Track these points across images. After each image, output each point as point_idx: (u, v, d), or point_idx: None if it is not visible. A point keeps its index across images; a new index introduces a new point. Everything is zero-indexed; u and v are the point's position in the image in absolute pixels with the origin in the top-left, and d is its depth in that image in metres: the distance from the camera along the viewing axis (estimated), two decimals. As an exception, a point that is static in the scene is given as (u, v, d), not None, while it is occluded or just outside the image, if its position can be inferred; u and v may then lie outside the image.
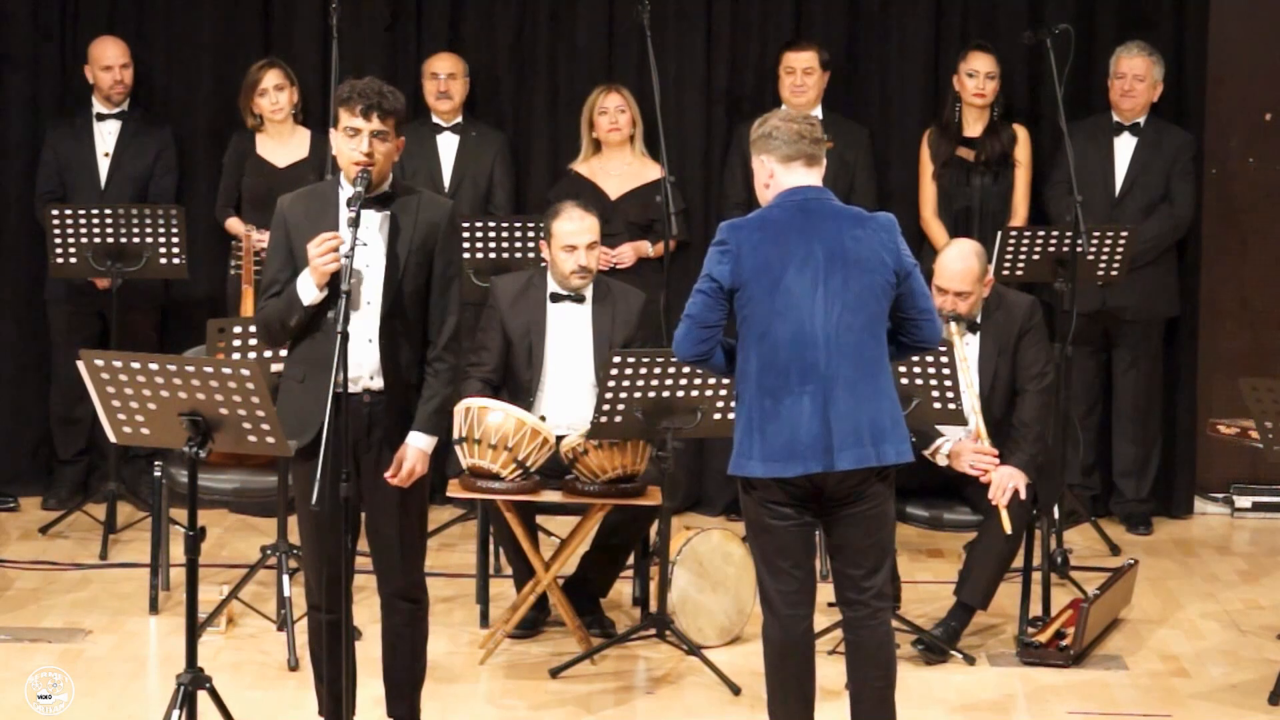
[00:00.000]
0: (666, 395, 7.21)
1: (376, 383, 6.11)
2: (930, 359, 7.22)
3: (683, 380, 7.19)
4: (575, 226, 7.71)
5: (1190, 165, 9.31)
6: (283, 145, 9.17)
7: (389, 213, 6.09)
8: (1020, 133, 9.29)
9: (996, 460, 7.47)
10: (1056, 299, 8.51)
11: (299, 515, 6.26)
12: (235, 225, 9.12)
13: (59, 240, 8.65)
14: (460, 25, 9.60)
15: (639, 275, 8.88)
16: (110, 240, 8.65)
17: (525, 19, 9.59)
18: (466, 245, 8.51)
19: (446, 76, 9.28)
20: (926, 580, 8.46)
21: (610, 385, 7.17)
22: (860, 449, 5.94)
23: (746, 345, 5.99)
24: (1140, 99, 9.24)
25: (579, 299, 7.80)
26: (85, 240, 8.64)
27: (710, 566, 7.62)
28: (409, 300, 6.10)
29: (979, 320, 7.71)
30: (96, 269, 8.68)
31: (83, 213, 8.66)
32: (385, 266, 6.08)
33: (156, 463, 7.94)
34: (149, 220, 8.67)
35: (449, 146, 9.30)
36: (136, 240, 8.66)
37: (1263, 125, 9.68)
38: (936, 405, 7.32)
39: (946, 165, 9.26)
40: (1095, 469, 9.55)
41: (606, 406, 7.19)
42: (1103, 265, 8.71)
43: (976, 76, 9.18)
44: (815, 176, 6.08)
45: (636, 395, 7.19)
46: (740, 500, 6.14)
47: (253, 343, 7.35)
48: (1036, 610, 7.82)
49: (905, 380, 7.22)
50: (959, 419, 7.38)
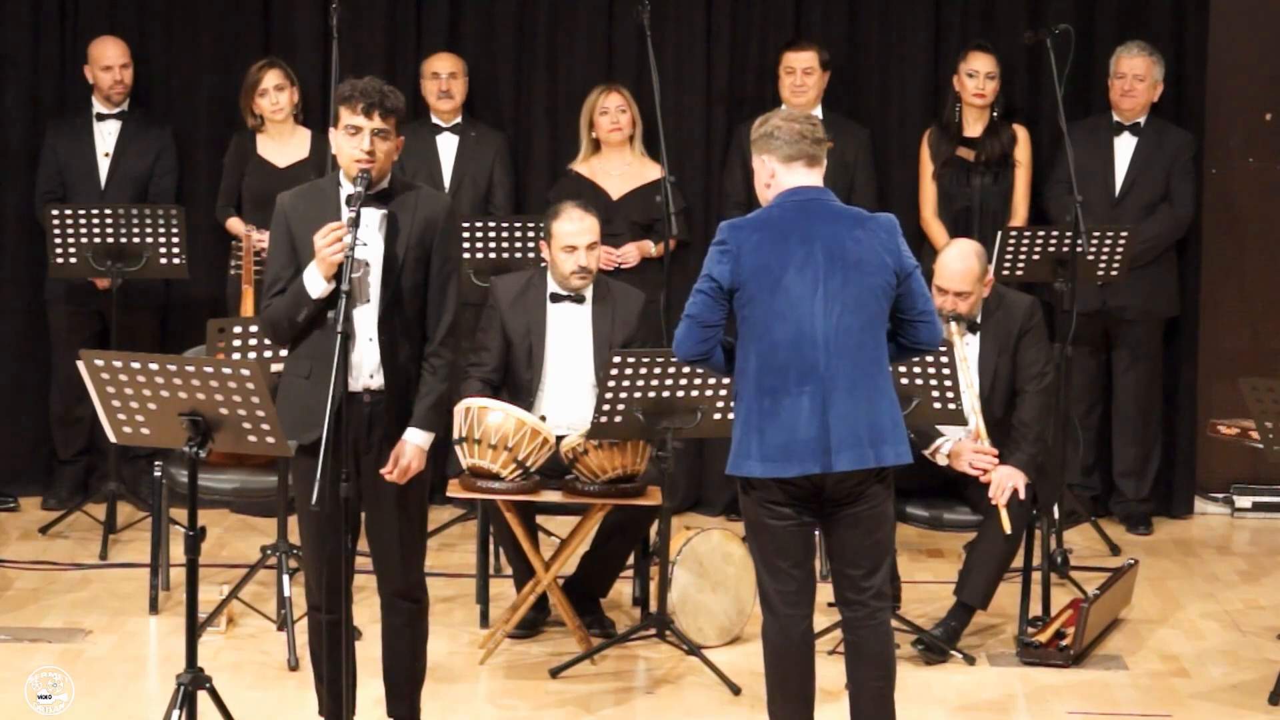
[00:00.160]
0: (666, 395, 7.21)
1: (377, 381, 6.10)
2: (930, 359, 7.22)
3: (683, 380, 7.19)
4: (575, 227, 7.71)
5: (1190, 165, 9.31)
6: (283, 145, 9.16)
7: (387, 210, 6.10)
8: (1020, 133, 9.29)
9: (995, 460, 7.48)
10: (1056, 299, 8.51)
11: (299, 515, 6.26)
12: (236, 225, 9.12)
13: (59, 240, 8.65)
14: (460, 25, 9.60)
15: (640, 275, 8.88)
16: (110, 240, 8.64)
17: (525, 19, 9.59)
18: (466, 245, 8.51)
19: (448, 76, 9.27)
20: (926, 580, 8.46)
21: (610, 385, 7.17)
22: (859, 450, 5.94)
23: (746, 345, 5.99)
24: (1140, 99, 9.24)
25: (579, 299, 7.79)
26: (85, 240, 8.64)
27: (710, 566, 7.62)
28: (407, 296, 6.09)
29: (979, 320, 7.70)
30: (96, 269, 8.68)
31: (83, 213, 8.66)
32: (383, 263, 6.08)
33: (156, 463, 7.94)
34: (149, 220, 8.66)
35: (449, 147, 9.29)
36: (136, 240, 8.66)
37: (1263, 125, 9.67)
38: (936, 405, 7.32)
39: (946, 165, 9.26)
40: (1095, 469, 9.55)
41: (606, 406, 7.18)
42: (1103, 265, 8.71)
43: (976, 76, 9.18)
44: (816, 177, 6.08)
45: (636, 395, 7.19)
46: (739, 500, 6.14)
47: (253, 343, 7.34)
48: (1036, 610, 7.82)
49: (905, 380, 7.22)
50: (959, 419, 7.38)
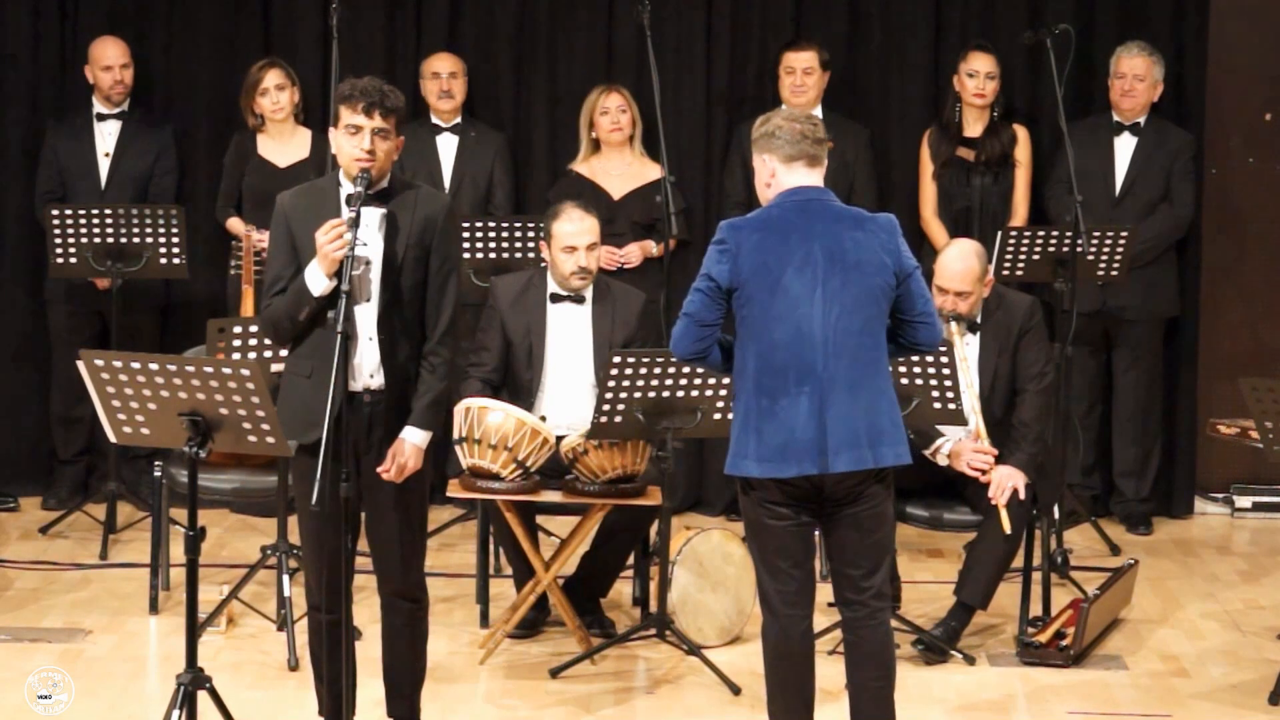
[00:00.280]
0: (666, 395, 7.21)
1: (377, 381, 6.10)
2: (930, 359, 7.22)
3: (683, 380, 7.19)
4: (575, 228, 7.70)
5: (1190, 165, 9.31)
6: (284, 145, 9.16)
7: (387, 209, 6.09)
8: (1020, 133, 9.29)
9: (993, 460, 7.47)
10: (1056, 299, 8.51)
11: (299, 515, 6.25)
12: (236, 225, 9.12)
13: (59, 240, 8.65)
14: (460, 25, 9.60)
15: (640, 275, 8.88)
16: (110, 240, 8.64)
17: (525, 19, 9.59)
18: (466, 245, 8.51)
19: (448, 76, 9.27)
20: (926, 580, 8.46)
21: (610, 385, 7.17)
22: (857, 450, 5.93)
23: (744, 345, 5.99)
24: (1140, 99, 9.24)
25: (579, 299, 7.79)
26: (85, 240, 8.63)
27: (710, 566, 7.62)
28: (407, 296, 6.09)
29: (979, 320, 7.70)
30: (96, 269, 8.68)
31: (83, 213, 8.66)
32: (383, 262, 6.07)
33: (156, 463, 7.94)
34: (149, 220, 8.66)
35: (448, 147, 9.29)
36: (136, 240, 8.66)
37: (1263, 125, 9.67)
38: (936, 405, 7.32)
39: (946, 165, 9.26)
40: (1095, 469, 9.55)
41: (606, 406, 7.18)
42: (1103, 265, 8.71)
43: (976, 76, 9.18)
44: (817, 177, 6.08)
45: (636, 395, 7.18)
46: (739, 500, 6.14)
47: (253, 343, 7.34)
48: (1036, 610, 7.82)
49: (905, 380, 7.22)
50: (959, 419, 7.38)
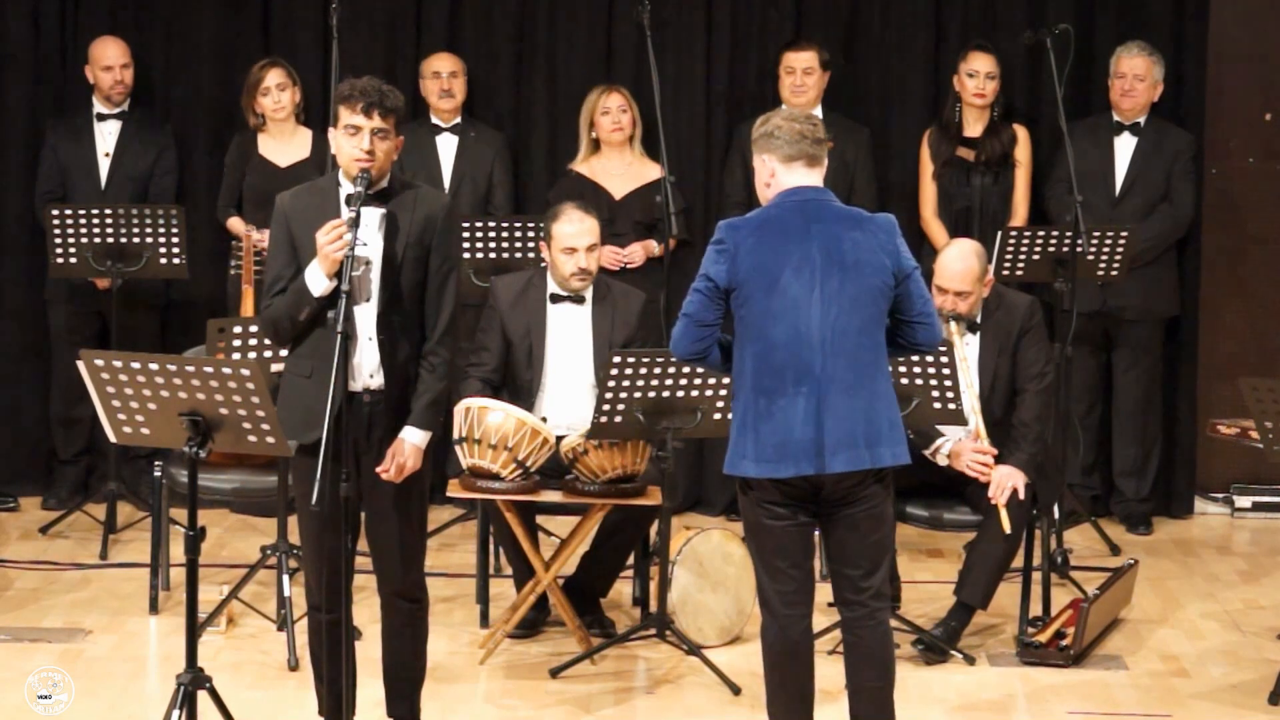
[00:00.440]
0: (666, 395, 7.21)
1: (377, 381, 6.10)
2: (930, 359, 7.22)
3: (683, 380, 7.19)
4: (575, 229, 7.70)
5: (1190, 165, 9.31)
6: (284, 145, 9.16)
7: (387, 209, 6.09)
8: (1020, 133, 9.29)
9: (993, 460, 7.47)
10: (1056, 299, 8.51)
11: (299, 515, 6.26)
12: (236, 225, 9.12)
13: (59, 240, 8.65)
14: (460, 25, 9.60)
15: (640, 274, 8.88)
16: (110, 240, 8.64)
17: (525, 19, 9.59)
18: (466, 245, 8.51)
19: (448, 75, 9.27)
20: (926, 580, 8.46)
21: (610, 385, 7.17)
22: (855, 451, 5.93)
23: (743, 345, 5.98)
24: (1140, 99, 9.24)
25: (579, 300, 7.79)
26: (85, 240, 8.63)
27: (710, 566, 7.62)
28: (407, 295, 6.09)
29: (979, 320, 7.70)
30: (96, 269, 8.68)
31: (83, 213, 8.66)
32: (383, 262, 6.07)
33: (156, 463, 7.94)
34: (149, 220, 8.66)
35: (448, 147, 9.29)
36: (136, 240, 8.66)
37: (1263, 125, 9.67)
38: (936, 405, 7.32)
39: (946, 165, 9.26)
40: (1095, 469, 9.55)
41: (606, 406, 7.18)
42: (1103, 265, 8.71)
43: (976, 76, 9.18)
44: (816, 177, 6.07)
45: (636, 395, 7.18)
46: (738, 500, 6.14)
47: (253, 343, 7.34)
48: (1036, 610, 7.82)
49: (905, 380, 7.22)
50: (959, 419, 7.38)
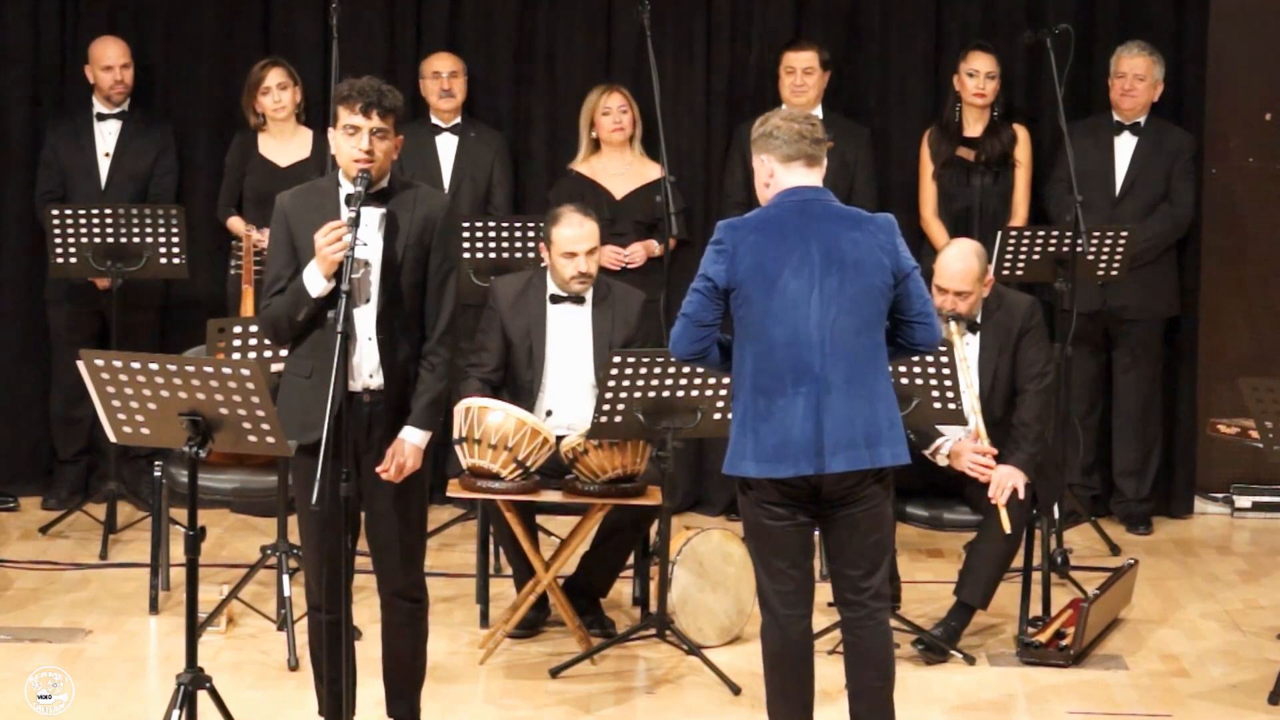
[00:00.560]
0: (666, 395, 7.21)
1: (376, 381, 6.10)
2: (930, 359, 7.22)
3: (683, 380, 7.19)
4: (575, 233, 7.68)
5: (1190, 165, 9.31)
6: (285, 145, 9.16)
7: (386, 209, 6.09)
8: (1020, 133, 9.29)
9: (993, 460, 7.47)
10: (1056, 299, 8.51)
11: (299, 515, 6.25)
12: (236, 224, 9.12)
13: (59, 240, 8.65)
14: (460, 25, 9.60)
15: (640, 274, 8.88)
16: (110, 240, 8.64)
17: (525, 19, 9.59)
18: (466, 245, 8.51)
19: (449, 75, 9.27)
20: (926, 580, 8.46)
21: (610, 385, 7.17)
22: (854, 451, 5.93)
23: (742, 345, 5.98)
24: (1140, 99, 9.24)
25: (579, 300, 7.79)
26: (85, 240, 8.63)
27: (710, 566, 7.62)
28: (406, 295, 6.09)
29: (979, 320, 7.70)
30: (96, 269, 8.68)
31: (83, 213, 8.66)
32: (382, 262, 6.07)
33: (156, 463, 7.94)
34: (149, 220, 8.66)
35: (448, 147, 9.29)
36: (136, 240, 8.66)
37: (1263, 125, 9.67)
38: (936, 405, 7.32)
39: (946, 165, 9.26)
40: (1095, 469, 9.54)
41: (606, 406, 7.18)
42: (1103, 265, 8.71)
43: (976, 76, 9.18)
44: (815, 177, 6.07)
45: (636, 395, 7.18)
46: (738, 500, 6.14)
47: (253, 343, 7.35)
48: (1036, 610, 7.82)
49: (905, 380, 7.22)
50: (959, 419, 7.38)
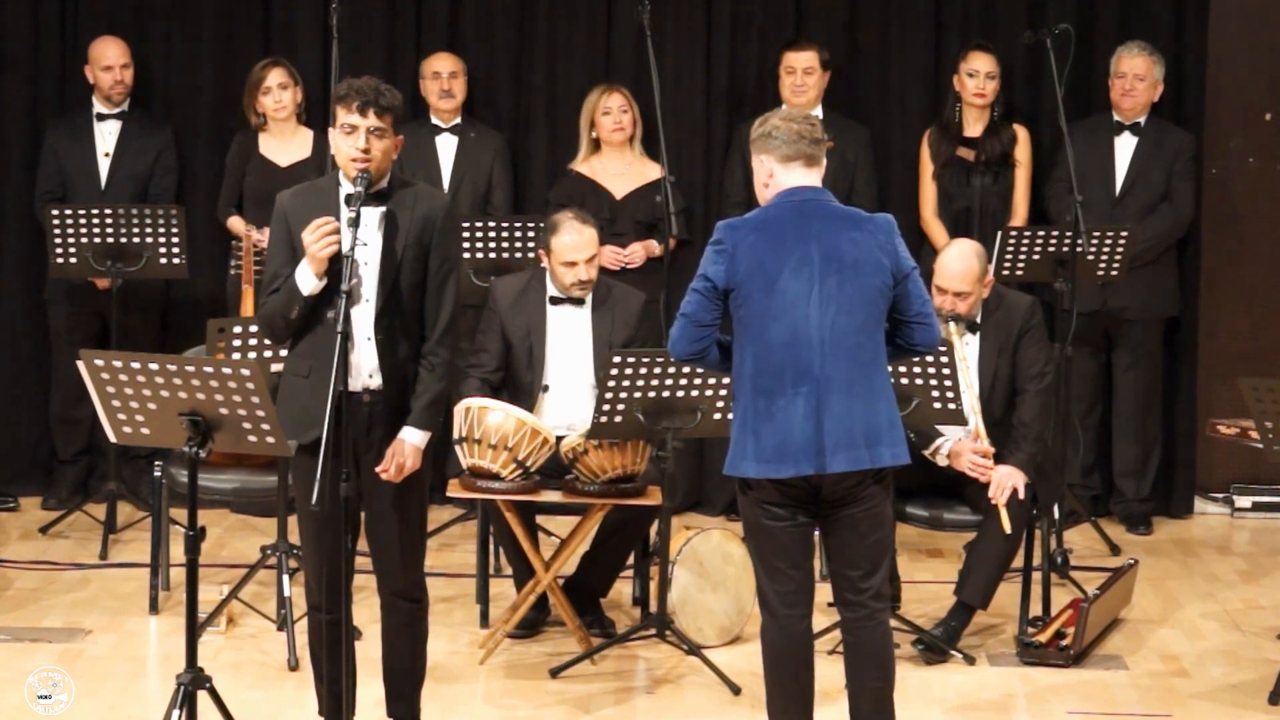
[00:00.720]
0: (666, 395, 7.21)
1: (376, 380, 6.10)
2: (930, 359, 7.22)
3: (683, 380, 7.19)
4: (575, 240, 7.67)
5: (1190, 165, 9.31)
6: (285, 145, 9.16)
7: (386, 208, 6.09)
8: (1020, 133, 9.29)
9: (992, 460, 7.47)
10: (1056, 299, 8.51)
11: (299, 515, 6.25)
12: (237, 224, 9.12)
13: (59, 240, 8.65)
14: (460, 25, 9.60)
15: (640, 274, 8.88)
16: (110, 240, 8.64)
17: (525, 19, 9.59)
18: (466, 245, 8.51)
19: (449, 75, 9.27)
20: (926, 580, 8.46)
21: (610, 385, 7.17)
22: (854, 451, 5.93)
23: (742, 346, 5.98)
24: (1140, 99, 9.24)
25: (579, 301, 7.78)
26: (85, 240, 8.64)
27: (710, 566, 7.62)
28: (406, 295, 6.08)
29: (979, 320, 7.70)
30: (96, 269, 8.68)
31: (83, 213, 8.66)
32: (382, 261, 6.07)
33: (156, 463, 7.94)
34: (149, 220, 8.66)
35: (448, 147, 9.29)
36: (136, 240, 8.66)
37: (1263, 125, 9.67)
38: (936, 405, 7.32)
39: (946, 165, 9.26)
40: (1095, 469, 9.55)
41: (606, 407, 7.18)
42: (1103, 265, 8.71)
43: (976, 76, 9.18)
44: (815, 177, 6.07)
45: (636, 395, 7.18)
46: (738, 500, 6.14)
47: (253, 343, 7.34)
48: (1036, 610, 7.82)
49: (905, 380, 7.22)
50: (959, 419, 7.38)
